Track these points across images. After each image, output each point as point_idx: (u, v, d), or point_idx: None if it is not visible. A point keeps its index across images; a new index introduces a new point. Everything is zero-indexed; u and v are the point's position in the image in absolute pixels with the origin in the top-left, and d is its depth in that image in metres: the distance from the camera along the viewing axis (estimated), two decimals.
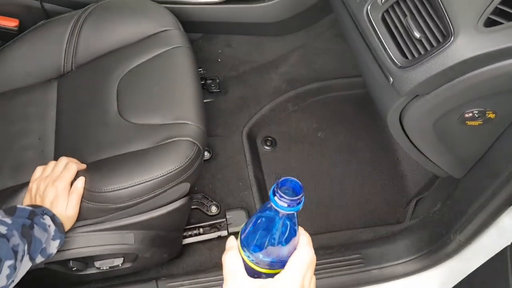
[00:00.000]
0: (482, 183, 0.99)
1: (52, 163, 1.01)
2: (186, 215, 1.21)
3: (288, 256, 0.50)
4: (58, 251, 0.93)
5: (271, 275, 0.50)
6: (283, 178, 0.49)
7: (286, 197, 0.47)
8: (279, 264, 0.50)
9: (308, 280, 0.50)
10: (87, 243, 1.05)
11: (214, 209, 1.38)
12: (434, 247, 1.19)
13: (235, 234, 1.27)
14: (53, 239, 0.90)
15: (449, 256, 1.16)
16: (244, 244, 0.51)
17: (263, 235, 0.49)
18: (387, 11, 0.82)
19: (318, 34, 1.66)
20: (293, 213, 0.49)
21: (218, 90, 1.60)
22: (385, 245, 1.28)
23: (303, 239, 0.51)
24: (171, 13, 1.28)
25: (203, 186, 1.43)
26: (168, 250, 1.21)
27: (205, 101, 1.55)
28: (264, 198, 1.42)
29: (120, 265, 1.13)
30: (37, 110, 1.19)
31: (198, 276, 1.22)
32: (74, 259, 1.08)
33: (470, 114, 0.83)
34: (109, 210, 1.02)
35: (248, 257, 0.50)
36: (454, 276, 1.21)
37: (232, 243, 0.53)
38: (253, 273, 0.50)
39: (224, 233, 1.33)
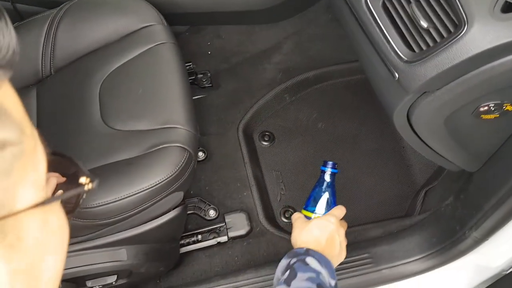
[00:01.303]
0: (499, 177, 0.91)
1: None
2: (181, 225, 1.14)
3: (329, 210, 0.94)
4: None
5: None
6: (325, 160, 1.02)
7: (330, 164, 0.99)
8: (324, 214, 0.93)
9: (341, 226, 0.89)
10: (76, 263, 1.00)
11: (212, 213, 1.31)
12: (447, 244, 1.11)
13: (236, 239, 1.22)
14: None
15: (463, 253, 1.09)
16: (307, 204, 0.97)
17: (317, 197, 0.97)
18: None
19: (312, 19, 1.57)
20: (334, 178, 1.00)
21: (210, 85, 1.51)
22: (395, 242, 1.21)
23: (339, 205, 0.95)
24: (153, 6, 1.20)
25: (199, 189, 1.35)
26: (165, 263, 1.14)
27: (196, 97, 1.48)
28: (265, 198, 1.35)
29: (113, 282, 1.06)
30: None
31: (199, 287, 1.15)
32: (63, 280, 1.01)
33: (486, 108, 0.75)
34: (96, 227, 0.96)
35: (309, 211, 0.95)
36: (469, 272, 1.15)
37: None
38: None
39: (224, 238, 1.25)
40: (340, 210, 0.93)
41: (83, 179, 0.34)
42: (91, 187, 0.34)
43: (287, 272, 0.73)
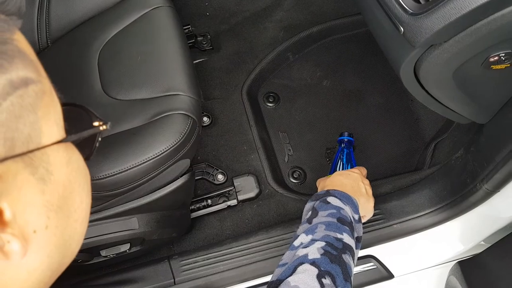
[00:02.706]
0: (510, 128, 0.89)
1: None
2: (190, 191, 1.14)
3: None
4: None
5: None
6: (341, 132, 1.17)
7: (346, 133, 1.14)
8: None
9: (364, 181, 0.91)
10: (88, 234, 1.00)
11: (220, 178, 1.30)
12: (458, 197, 1.10)
13: (246, 201, 1.22)
14: None
15: (475, 205, 1.08)
16: (330, 173, 0.99)
17: (339, 165, 1.10)
18: None
19: None
20: (351, 146, 1.15)
21: (211, 47, 1.47)
22: (405, 197, 1.20)
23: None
24: None
25: (206, 154, 1.34)
26: (176, 229, 1.15)
27: (197, 61, 1.45)
28: (272, 160, 1.34)
29: (127, 250, 1.08)
30: None
31: (211, 250, 1.16)
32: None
33: (496, 58, 0.72)
34: (105, 198, 0.97)
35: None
36: (480, 224, 1.14)
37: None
38: None
39: (234, 202, 1.26)
40: (362, 168, 1.00)
41: (96, 123, 0.36)
42: (105, 128, 0.36)
43: (310, 212, 0.77)
